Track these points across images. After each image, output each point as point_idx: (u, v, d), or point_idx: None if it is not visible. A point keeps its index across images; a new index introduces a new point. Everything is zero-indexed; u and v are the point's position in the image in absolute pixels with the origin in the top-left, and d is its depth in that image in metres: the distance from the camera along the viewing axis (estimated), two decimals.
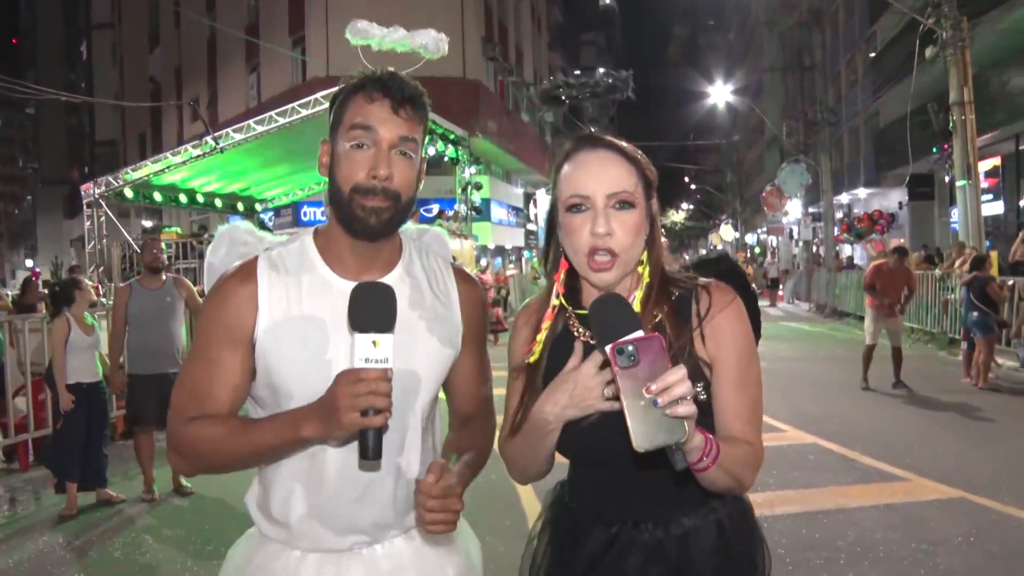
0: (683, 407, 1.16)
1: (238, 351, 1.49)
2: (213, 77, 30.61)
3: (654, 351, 1.19)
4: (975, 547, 4.52)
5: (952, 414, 8.15)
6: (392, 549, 1.57)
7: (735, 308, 1.46)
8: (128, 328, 5.95)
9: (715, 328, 1.44)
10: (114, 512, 5.68)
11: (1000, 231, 17.36)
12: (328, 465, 1.50)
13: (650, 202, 1.47)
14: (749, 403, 1.44)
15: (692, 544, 1.49)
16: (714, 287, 1.48)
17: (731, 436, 1.41)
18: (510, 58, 33.55)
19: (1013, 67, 15.67)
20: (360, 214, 1.46)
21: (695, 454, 1.25)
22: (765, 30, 37.49)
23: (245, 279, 1.50)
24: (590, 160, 1.44)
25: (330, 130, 1.52)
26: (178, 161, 14.66)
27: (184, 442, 1.48)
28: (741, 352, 1.45)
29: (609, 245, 1.40)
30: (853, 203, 29.27)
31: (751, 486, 1.46)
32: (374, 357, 1.29)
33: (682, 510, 1.50)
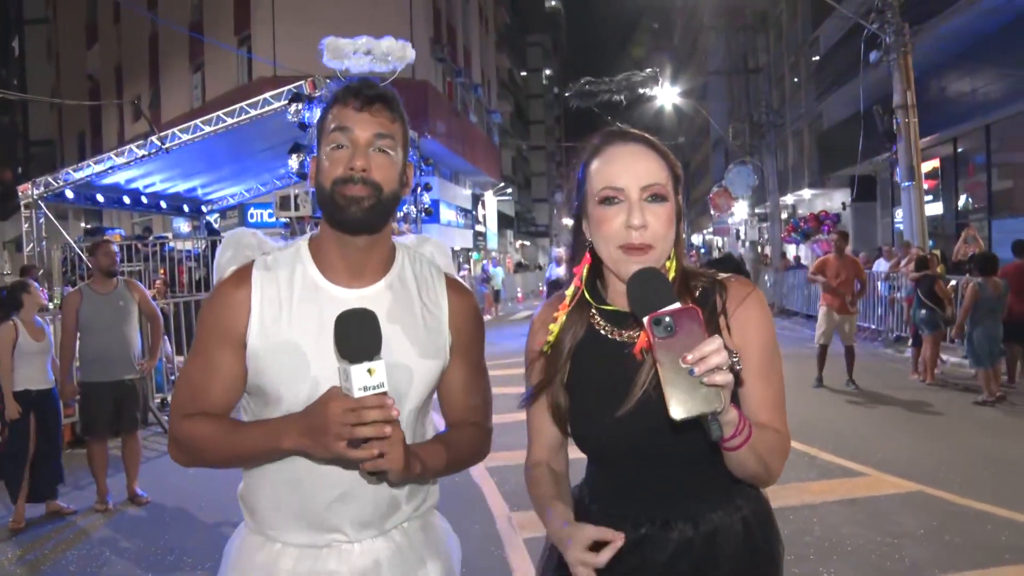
0: (719, 376, 1.17)
1: (233, 351, 1.55)
2: (155, 76, 29.89)
3: (691, 322, 1.20)
4: (937, 538, 4.64)
5: (903, 410, 8.35)
6: (371, 547, 1.60)
7: (756, 299, 1.49)
8: (80, 334, 5.75)
9: (739, 319, 1.46)
10: (66, 524, 5.49)
11: (940, 231, 17.88)
12: (309, 465, 1.52)
13: (677, 197, 1.49)
14: (775, 391, 1.47)
15: (720, 541, 1.49)
16: (734, 281, 1.51)
17: (760, 423, 1.40)
18: (458, 59, 33.49)
19: (949, 73, 16.16)
20: (342, 203, 1.50)
21: (729, 428, 1.27)
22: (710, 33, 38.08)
23: (240, 282, 1.57)
24: (623, 153, 1.46)
25: (317, 145, 1.59)
26: (122, 161, 14.20)
27: (180, 436, 1.56)
28: (765, 342, 1.47)
29: (645, 239, 1.40)
30: (798, 204, 29.88)
31: (778, 477, 1.46)
32: (371, 384, 1.32)
33: (709, 507, 1.50)
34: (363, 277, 1.59)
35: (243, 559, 1.62)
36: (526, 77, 69.10)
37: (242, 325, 1.54)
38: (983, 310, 8.74)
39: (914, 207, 13.54)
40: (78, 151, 34.91)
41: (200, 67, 27.58)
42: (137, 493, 5.84)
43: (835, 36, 21.16)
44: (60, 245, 15.74)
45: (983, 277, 8.92)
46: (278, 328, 1.53)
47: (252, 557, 1.60)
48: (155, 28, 29.29)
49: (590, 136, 1.54)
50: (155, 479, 6.22)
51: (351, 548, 1.58)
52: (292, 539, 1.58)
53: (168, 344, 8.83)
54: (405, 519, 1.65)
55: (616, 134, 1.50)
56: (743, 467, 1.37)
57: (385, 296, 1.59)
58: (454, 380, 1.68)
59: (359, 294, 1.57)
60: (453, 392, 1.70)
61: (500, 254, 40.77)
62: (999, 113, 14.70)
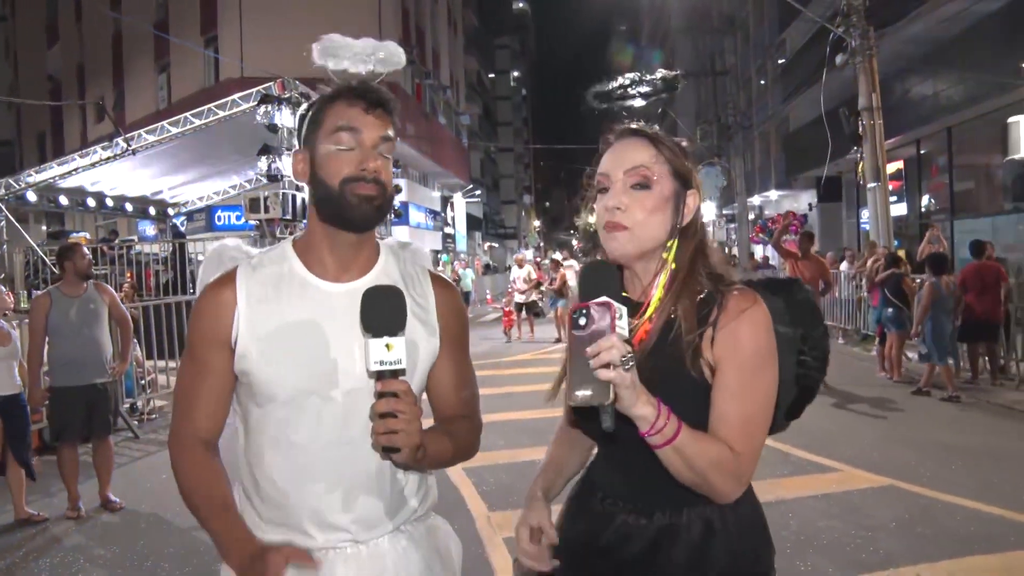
0: (605, 372, 1.23)
1: (220, 352, 1.55)
2: (119, 76, 29.46)
3: (602, 317, 1.26)
4: (909, 530, 4.73)
5: (872, 407, 8.50)
6: (377, 550, 1.59)
7: (750, 316, 1.44)
8: (49, 339, 5.64)
9: (727, 333, 1.44)
10: (37, 532, 5.36)
11: (904, 231, 18.19)
12: (314, 461, 1.54)
13: (684, 191, 1.53)
14: (745, 411, 1.42)
15: (672, 538, 1.50)
16: (735, 294, 1.47)
17: (717, 436, 1.41)
18: (427, 61, 33.45)
19: (913, 76, 16.46)
20: (354, 201, 1.52)
21: (642, 424, 1.31)
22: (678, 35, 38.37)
23: (225, 285, 1.58)
24: (619, 146, 1.55)
25: (303, 139, 1.59)
26: (87, 163, 14.00)
27: (174, 466, 1.58)
28: (744, 361, 1.43)
29: (618, 219, 1.47)
30: (765, 205, 30.21)
31: (726, 494, 1.43)
32: (388, 359, 1.37)
33: (673, 500, 1.50)
34: (351, 272, 1.60)
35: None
36: (494, 79, 69.18)
37: (228, 325, 1.54)
38: (937, 308, 8.94)
39: (880, 207, 13.76)
40: (38, 152, 34.29)
41: (166, 67, 27.24)
42: (110, 499, 5.75)
43: (801, 39, 21.43)
44: (22, 248, 15.47)
45: (936, 276, 9.13)
46: (267, 326, 1.53)
47: None
48: (119, 28, 28.88)
49: (605, 133, 1.61)
50: (128, 484, 6.13)
51: (358, 551, 1.56)
52: (294, 541, 1.54)
53: (138, 348, 8.71)
54: (410, 517, 1.65)
55: (624, 130, 1.57)
56: (672, 468, 1.38)
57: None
58: (445, 374, 1.69)
59: (347, 288, 1.58)
60: (444, 385, 1.70)
61: (469, 256, 40.70)
62: (960, 116, 15.01)
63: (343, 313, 1.55)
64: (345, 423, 1.54)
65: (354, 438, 1.54)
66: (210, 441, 1.60)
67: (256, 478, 1.58)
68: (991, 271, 9.45)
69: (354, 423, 1.53)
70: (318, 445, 1.54)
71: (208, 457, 1.57)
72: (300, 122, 1.63)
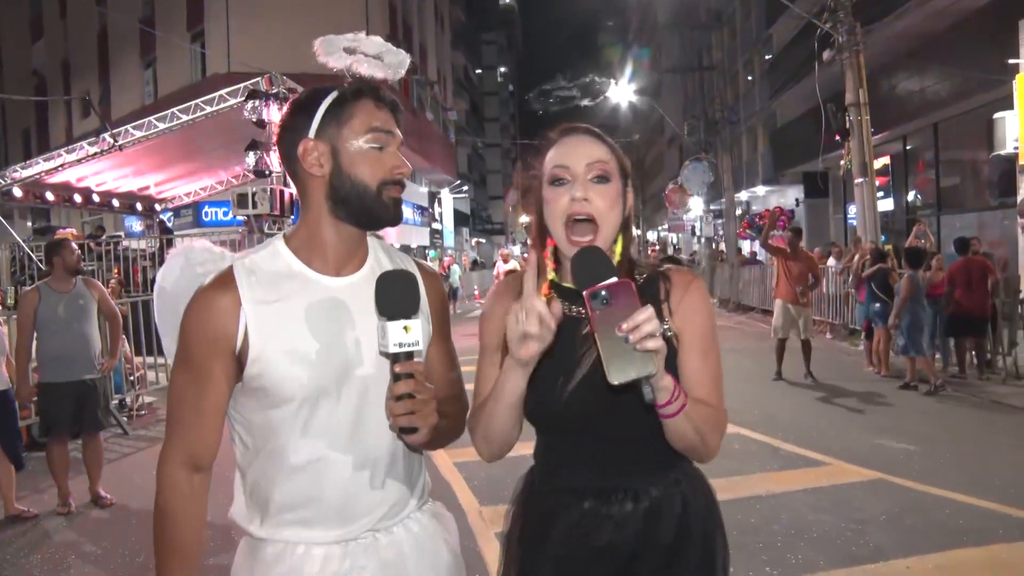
0: (652, 341, 1.28)
1: (224, 361, 1.52)
2: (105, 71, 29.20)
3: (625, 294, 1.31)
4: (899, 524, 4.77)
5: (860, 401, 8.55)
6: (393, 538, 1.61)
7: (697, 287, 1.62)
8: (38, 334, 5.61)
9: (682, 305, 1.59)
10: (27, 528, 5.34)
11: (891, 226, 18.30)
12: (334, 453, 1.54)
13: (625, 187, 1.61)
14: (713, 370, 1.58)
15: (658, 514, 1.58)
16: (676, 270, 1.65)
17: (698, 398, 1.50)
18: (414, 57, 33.30)
19: (899, 72, 16.54)
20: (389, 204, 1.56)
21: (664, 395, 1.37)
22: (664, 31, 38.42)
23: (225, 288, 1.53)
24: (573, 141, 1.60)
25: (318, 131, 1.55)
26: (73, 159, 13.89)
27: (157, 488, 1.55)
28: (705, 324, 1.59)
29: (587, 210, 1.52)
30: (752, 200, 30.32)
31: (716, 451, 1.56)
32: (407, 341, 1.40)
33: (649, 480, 1.59)
34: (349, 266, 1.61)
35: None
36: (481, 75, 69.08)
37: (233, 331, 1.50)
38: (915, 301, 9.02)
39: (867, 203, 13.83)
40: (23, 148, 33.96)
41: (152, 63, 27.02)
42: (100, 495, 5.72)
43: (788, 35, 21.50)
44: (8, 244, 15.33)
45: (912, 270, 9.20)
46: (276, 327, 1.51)
47: (272, 571, 1.54)
48: (104, 23, 28.63)
49: (547, 131, 1.66)
50: (119, 480, 6.11)
51: (376, 540, 1.58)
52: (317, 536, 1.55)
53: (127, 344, 8.66)
54: (419, 503, 1.68)
55: (569, 128, 1.63)
56: (681, 436, 1.47)
57: (370, 280, 1.57)
58: (435, 356, 1.73)
59: (348, 281, 1.59)
60: (435, 368, 1.72)
61: (456, 252, 40.69)
62: (946, 112, 15.10)
63: (347, 306, 1.56)
64: (359, 414, 1.55)
65: (369, 428, 1.55)
66: (204, 463, 1.56)
67: (272, 481, 1.55)
68: (977, 266, 9.53)
69: (368, 413, 1.55)
70: (335, 439, 1.54)
71: (192, 488, 1.54)
72: (297, 111, 1.58)
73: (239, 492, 1.62)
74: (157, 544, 1.54)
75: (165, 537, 1.53)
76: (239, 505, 1.61)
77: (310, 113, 1.55)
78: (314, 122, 1.54)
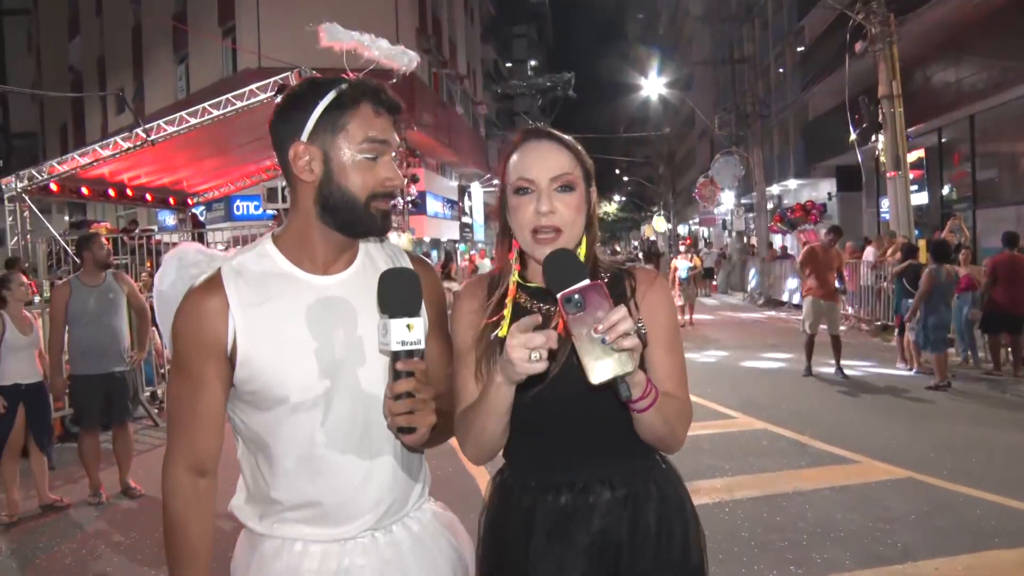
0: (628, 340, 1.30)
1: (216, 363, 1.51)
2: (139, 68, 29.59)
3: (597, 295, 1.33)
4: (927, 523, 4.69)
5: (892, 398, 8.43)
6: (392, 538, 1.60)
7: (661, 284, 1.69)
8: (69, 328, 5.71)
9: (647, 301, 1.63)
10: (60, 517, 5.45)
11: (925, 221, 17.99)
12: (331, 453, 1.53)
13: (589, 189, 1.64)
14: (679, 364, 1.64)
15: (636, 501, 1.61)
16: (640, 268, 1.71)
17: (667, 391, 1.53)
18: (444, 51, 33.35)
19: (934, 63, 16.24)
20: (377, 216, 1.54)
21: (638, 390, 1.41)
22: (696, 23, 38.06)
23: (212, 290, 1.51)
24: (536, 149, 1.61)
25: (311, 135, 1.51)
26: (107, 154, 14.11)
27: (163, 493, 1.56)
28: (669, 320, 1.65)
29: (553, 222, 1.56)
30: (784, 194, 29.96)
31: (682, 441, 1.60)
32: (410, 340, 1.38)
33: (622, 470, 1.63)
34: (338, 264, 1.59)
35: (261, 572, 1.56)
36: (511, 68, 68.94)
37: (223, 333, 1.49)
38: (937, 296, 8.85)
39: (900, 197, 13.61)
40: (60, 143, 34.56)
41: (184, 59, 27.33)
42: (130, 485, 5.81)
43: (821, 26, 21.18)
44: (45, 239, 15.60)
45: (936, 264, 9.03)
46: (266, 328, 1.50)
47: (270, 567, 1.55)
48: (138, 19, 29.00)
49: (511, 133, 1.67)
50: (148, 471, 6.19)
51: (375, 539, 1.57)
52: (315, 534, 1.54)
53: (157, 336, 8.77)
54: (418, 502, 1.67)
55: (532, 132, 1.65)
56: (651, 429, 1.50)
57: (361, 276, 1.59)
58: (432, 352, 1.67)
59: (338, 279, 1.58)
60: (432, 363, 1.65)
61: (487, 245, 40.69)
62: (983, 103, 14.78)
63: (338, 304, 1.55)
64: (354, 413, 1.54)
65: (365, 427, 1.54)
66: (207, 466, 1.55)
67: (269, 480, 1.55)
68: (1022, 263, 9.34)
69: (364, 411, 1.54)
70: (330, 439, 1.53)
71: (197, 494, 1.54)
72: (293, 106, 1.54)
73: (241, 487, 1.63)
74: (167, 548, 1.55)
75: (173, 541, 1.54)
76: (240, 499, 1.62)
77: (305, 112, 1.51)
78: (308, 125, 1.51)
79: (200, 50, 25.73)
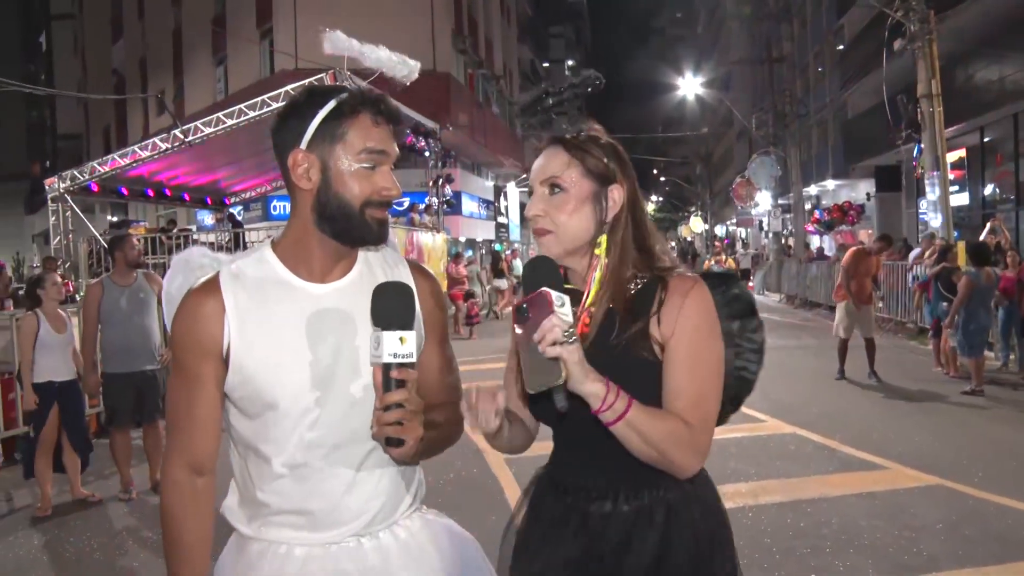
0: (553, 349, 1.30)
1: (213, 365, 1.53)
2: (179, 69, 30.13)
3: (539, 305, 1.33)
4: (955, 533, 4.59)
5: (926, 403, 8.28)
6: (379, 543, 1.60)
7: (696, 295, 1.54)
8: (101, 327, 5.82)
9: (670, 312, 1.53)
10: (91, 512, 5.57)
11: (966, 222, 17.64)
12: (319, 460, 1.54)
13: (604, 188, 1.59)
14: (697, 385, 1.50)
15: (637, 520, 1.56)
16: (675, 277, 1.57)
17: (671, 410, 1.49)
18: (480, 51, 33.43)
19: (976, 61, 15.91)
20: (372, 224, 1.54)
21: (594, 402, 1.38)
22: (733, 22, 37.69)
23: (209, 293, 1.53)
24: (542, 155, 1.65)
25: (310, 142, 1.52)
26: (145, 155, 14.40)
27: (162, 491, 1.60)
28: (693, 336, 1.52)
29: (540, 225, 1.59)
30: (822, 194, 29.57)
31: (684, 467, 1.50)
32: (402, 352, 1.38)
33: (631, 485, 1.57)
34: (335, 272, 1.59)
35: (246, 573, 1.58)
36: (548, 68, 68.83)
37: (219, 335, 1.51)
38: (976, 300, 8.67)
39: (939, 198, 13.36)
40: (104, 145, 35.28)
41: (223, 60, 27.75)
42: (159, 482, 5.91)
43: (860, 24, 20.88)
44: (86, 238, 15.94)
45: (976, 267, 8.84)
46: (259, 333, 1.51)
47: (255, 568, 1.56)
48: (178, 22, 29.50)
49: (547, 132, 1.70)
50: None
51: (360, 545, 1.57)
52: (301, 538, 1.56)
53: None
54: (407, 510, 1.66)
55: (548, 139, 1.66)
56: (629, 446, 1.45)
57: (357, 285, 1.59)
58: (430, 360, 1.67)
59: (334, 287, 1.58)
60: (430, 372, 1.67)
61: (523, 245, 40.69)
62: None
63: (332, 313, 1.55)
64: (343, 421, 1.54)
65: (354, 435, 1.55)
66: (205, 466, 1.58)
67: (256, 484, 1.57)
68: None
69: (354, 420, 1.54)
70: (318, 446, 1.53)
71: (195, 493, 1.57)
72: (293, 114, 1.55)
73: (232, 489, 1.64)
74: (164, 546, 1.59)
75: (170, 539, 1.57)
76: (231, 501, 1.64)
77: (304, 121, 1.52)
78: (307, 133, 1.51)
79: (238, 52, 26.10)
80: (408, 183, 20.75)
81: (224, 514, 1.64)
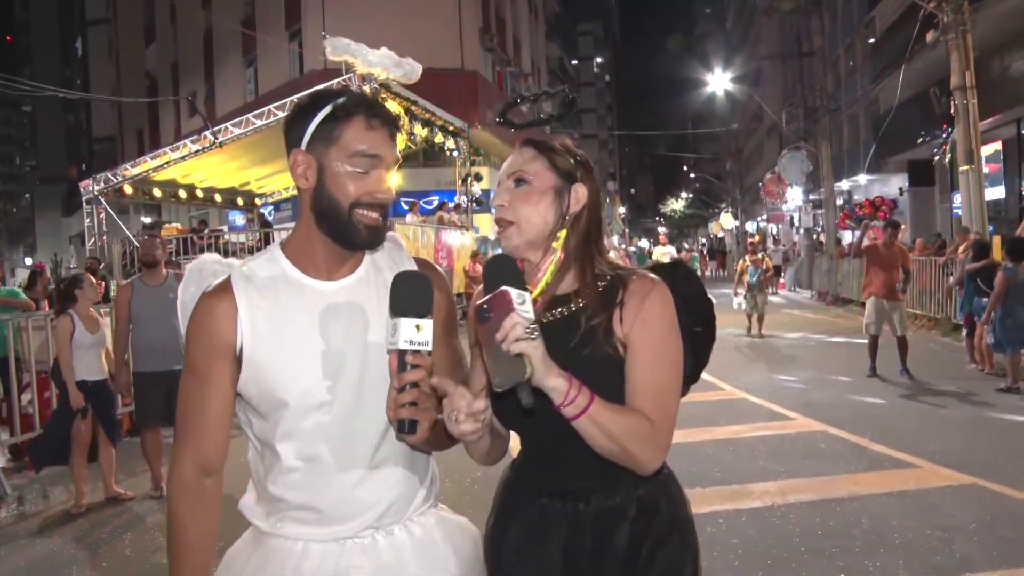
0: (517, 345, 1.32)
1: (226, 364, 1.56)
2: (210, 71, 30.50)
3: (499, 304, 1.35)
4: (989, 533, 4.50)
5: (958, 400, 8.14)
6: (393, 540, 1.61)
7: (657, 295, 1.58)
8: (132, 326, 5.91)
9: (632, 311, 1.56)
10: (123, 510, 5.67)
11: (1002, 216, 17.31)
12: (330, 455, 1.56)
13: (569, 185, 1.64)
14: (658, 381, 1.54)
15: (609, 517, 1.59)
16: (636, 276, 1.62)
17: (633, 407, 1.51)
18: (508, 49, 33.44)
19: (1013, 51, 15.60)
20: (361, 227, 1.56)
21: (556, 396, 1.39)
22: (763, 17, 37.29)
23: (222, 295, 1.57)
24: (513, 153, 1.70)
25: (308, 144, 1.56)
26: (177, 156, 14.61)
27: (168, 494, 1.61)
28: (654, 334, 1.55)
29: (503, 214, 1.62)
30: (853, 190, 29.19)
31: (646, 463, 1.52)
32: (418, 340, 1.40)
33: (602, 484, 1.59)
34: (343, 269, 1.62)
35: (257, 568, 1.60)
36: (577, 66, 68.71)
37: (231, 335, 1.54)
38: (1013, 296, 8.49)
39: (972, 191, 13.12)
40: (137, 147, 35.81)
41: (253, 62, 28.03)
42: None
43: (891, 17, 20.55)
44: (120, 239, 16.20)
45: (1013, 263, 8.65)
46: (271, 331, 1.54)
47: (270, 562, 1.59)
48: (209, 24, 29.83)
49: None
50: None
51: (375, 541, 1.59)
52: (315, 534, 1.58)
53: None
54: (421, 506, 1.67)
55: (521, 141, 1.70)
56: (592, 441, 1.46)
57: (365, 282, 1.63)
58: (439, 356, 1.66)
59: (341, 284, 1.61)
60: (440, 367, 1.66)
61: None
62: None
63: (341, 308, 1.58)
64: (354, 415, 1.56)
65: (364, 429, 1.57)
66: (214, 466, 1.60)
67: (271, 478, 1.59)
68: None
69: (363, 414, 1.56)
70: (330, 441, 1.56)
71: (201, 493, 1.59)
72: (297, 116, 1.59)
73: (251, 487, 1.68)
74: (168, 543, 1.60)
75: (175, 537, 1.59)
76: (249, 499, 1.67)
77: (304, 123, 1.57)
78: (306, 135, 1.56)
79: (267, 53, 26.35)
80: (438, 181, 20.86)
81: (242, 511, 1.67)
